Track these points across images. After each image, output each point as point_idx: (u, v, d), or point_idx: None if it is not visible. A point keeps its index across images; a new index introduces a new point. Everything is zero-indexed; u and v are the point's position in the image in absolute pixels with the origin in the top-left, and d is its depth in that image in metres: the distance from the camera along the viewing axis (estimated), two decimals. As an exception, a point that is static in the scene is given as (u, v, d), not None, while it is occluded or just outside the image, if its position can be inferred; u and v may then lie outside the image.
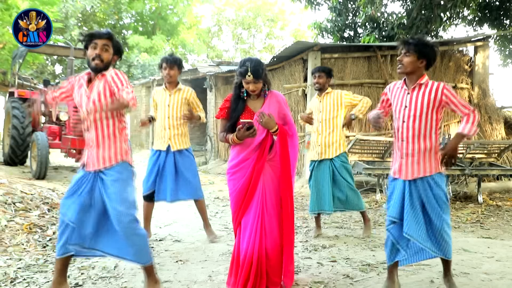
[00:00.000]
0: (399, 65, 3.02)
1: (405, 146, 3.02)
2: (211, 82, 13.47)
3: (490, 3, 11.58)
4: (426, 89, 2.96)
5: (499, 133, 9.64)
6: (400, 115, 3.03)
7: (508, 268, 3.77)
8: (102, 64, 2.77)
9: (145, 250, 2.88)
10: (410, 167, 3.01)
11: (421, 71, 2.99)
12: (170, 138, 4.46)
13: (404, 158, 3.03)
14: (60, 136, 8.98)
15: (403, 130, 3.03)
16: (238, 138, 2.99)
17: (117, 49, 2.86)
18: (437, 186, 2.98)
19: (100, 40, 2.77)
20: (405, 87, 3.05)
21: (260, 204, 3.04)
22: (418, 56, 2.93)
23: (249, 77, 2.97)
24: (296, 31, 30.97)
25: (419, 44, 2.93)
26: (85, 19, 24.49)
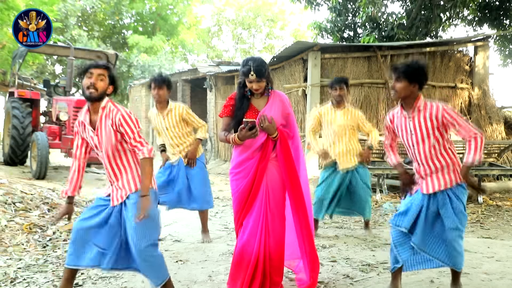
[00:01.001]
0: (392, 92, 3.04)
1: (422, 168, 3.05)
2: (211, 82, 13.47)
3: (490, 3, 11.58)
4: (426, 112, 2.97)
5: (499, 133, 9.65)
6: (409, 141, 3.06)
7: (508, 268, 3.77)
8: (96, 93, 2.76)
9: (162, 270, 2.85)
10: (431, 183, 3.03)
11: (415, 93, 3.00)
12: (181, 152, 4.52)
13: (424, 178, 3.06)
14: (60, 136, 8.98)
15: (416, 155, 3.06)
16: (240, 139, 2.97)
17: (112, 79, 2.85)
18: (457, 198, 3.00)
19: (95, 69, 2.77)
20: (404, 113, 3.05)
21: (264, 204, 3.04)
22: (409, 80, 2.94)
23: (252, 76, 2.97)
24: (296, 31, 30.97)
25: (409, 69, 2.95)
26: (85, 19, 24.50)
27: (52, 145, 8.63)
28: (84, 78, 2.78)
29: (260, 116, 2.99)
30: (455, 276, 3.14)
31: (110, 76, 2.82)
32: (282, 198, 3.11)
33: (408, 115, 3.03)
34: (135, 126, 2.75)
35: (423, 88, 3.03)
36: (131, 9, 24.33)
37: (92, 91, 2.74)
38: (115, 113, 2.75)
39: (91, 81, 2.74)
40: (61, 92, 10.03)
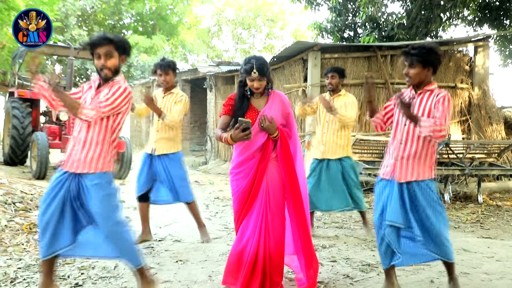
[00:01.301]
0: (407, 78, 3.00)
1: (402, 148, 3.01)
2: (211, 82, 13.46)
3: (490, 3, 11.58)
4: (431, 95, 2.97)
5: (499, 133, 9.64)
6: (403, 117, 3.02)
7: (508, 268, 3.78)
8: (110, 72, 2.77)
9: (133, 253, 2.88)
10: (405, 169, 2.99)
11: (429, 78, 2.99)
12: (156, 141, 4.44)
13: (399, 161, 3.02)
14: (60, 136, 8.98)
15: (403, 133, 3.02)
16: (232, 139, 2.95)
17: (121, 49, 2.82)
18: (430, 190, 2.98)
19: (101, 48, 2.74)
20: (413, 92, 3.06)
21: (264, 204, 3.04)
22: (423, 65, 2.92)
23: (255, 74, 2.97)
24: (296, 31, 30.96)
25: (422, 53, 2.91)
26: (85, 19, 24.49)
27: (52, 145, 8.64)
28: (94, 59, 2.78)
29: (261, 116, 2.99)
30: (449, 269, 3.10)
31: (118, 47, 2.79)
32: (282, 198, 3.11)
33: (415, 94, 3.02)
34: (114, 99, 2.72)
35: (436, 71, 3.00)
36: (131, 9, 24.31)
37: (106, 72, 2.76)
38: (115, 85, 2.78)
39: (101, 62, 2.74)
40: (61, 92, 10.01)
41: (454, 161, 7.39)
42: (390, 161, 3.07)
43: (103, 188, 2.80)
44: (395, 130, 3.10)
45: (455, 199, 7.46)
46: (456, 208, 6.86)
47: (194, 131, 16.56)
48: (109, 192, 2.83)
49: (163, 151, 4.42)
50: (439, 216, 2.97)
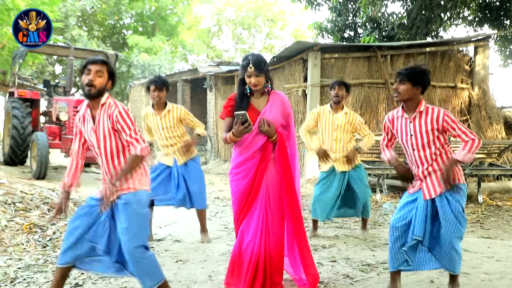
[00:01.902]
0: (395, 94, 3.05)
1: (421, 170, 3.05)
2: (211, 82, 13.47)
3: (490, 3, 11.58)
4: (427, 117, 2.99)
5: (499, 133, 9.65)
6: (408, 144, 3.06)
7: (508, 268, 3.77)
8: (94, 90, 2.76)
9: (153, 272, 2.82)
10: (432, 187, 3.02)
11: (418, 97, 3.02)
12: (175, 152, 4.52)
13: (424, 180, 3.05)
14: (60, 136, 8.97)
15: (416, 158, 3.05)
16: (235, 135, 2.96)
17: (112, 75, 2.84)
18: (455, 201, 2.99)
19: (93, 65, 2.77)
20: (406, 115, 3.07)
21: (264, 204, 3.04)
22: (413, 83, 2.97)
23: (251, 69, 2.98)
24: (296, 31, 30.96)
25: (413, 73, 2.97)
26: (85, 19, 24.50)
27: (52, 145, 8.63)
28: (83, 75, 2.78)
29: (260, 120, 2.99)
30: (453, 278, 3.13)
31: (109, 71, 2.82)
32: (282, 198, 3.11)
33: (409, 117, 3.04)
34: (132, 123, 2.75)
35: (425, 92, 3.05)
36: (131, 9, 24.32)
37: (90, 89, 2.75)
38: (113, 109, 2.75)
39: (89, 78, 2.75)
40: (61, 92, 10.03)
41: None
42: (417, 182, 3.11)
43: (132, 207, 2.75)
44: (408, 157, 3.13)
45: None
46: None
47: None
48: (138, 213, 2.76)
49: (184, 159, 4.54)
50: (456, 228, 2.97)
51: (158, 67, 21.61)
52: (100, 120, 2.78)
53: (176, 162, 4.52)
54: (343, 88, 4.71)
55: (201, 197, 4.61)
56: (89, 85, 2.74)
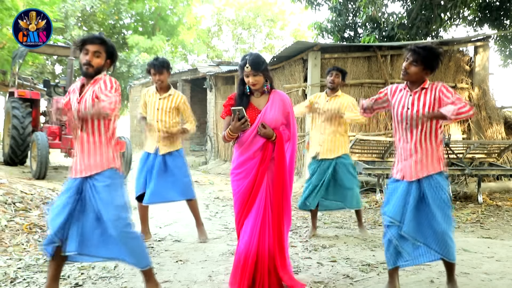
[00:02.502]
0: (403, 72, 3.02)
1: (408, 147, 3.03)
2: (211, 82, 13.47)
3: (490, 3, 11.58)
4: (427, 91, 2.99)
5: (499, 133, 9.64)
6: (403, 117, 3.04)
7: (508, 268, 3.77)
8: (92, 70, 2.77)
9: (143, 254, 2.88)
10: (414, 167, 3.00)
11: (424, 77, 3.02)
12: (159, 141, 4.45)
13: (408, 159, 3.03)
14: (60, 136, 8.98)
15: (407, 132, 3.03)
16: (232, 131, 2.98)
17: (110, 53, 2.84)
18: (440, 187, 2.98)
19: (91, 45, 2.76)
20: (408, 89, 3.07)
21: (264, 204, 3.03)
22: (425, 66, 2.96)
23: (247, 69, 2.99)
24: (296, 31, 30.94)
25: (429, 56, 2.94)
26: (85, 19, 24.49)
27: (52, 145, 8.63)
28: (81, 54, 2.79)
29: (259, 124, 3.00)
30: (449, 270, 3.10)
31: (107, 50, 2.82)
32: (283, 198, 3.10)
33: (410, 91, 3.04)
34: (112, 87, 2.74)
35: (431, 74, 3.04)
36: (131, 9, 24.32)
37: (87, 68, 2.76)
38: (100, 79, 2.78)
39: (86, 58, 2.76)
40: (61, 92, 10.03)
41: (454, 161, 7.40)
42: (401, 163, 3.08)
43: (114, 188, 2.79)
44: (397, 130, 3.11)
45: (455, 199, 7.46)
46: (456, 208, 6.85)
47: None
48: (120, 193, 2.82)
49: (167, 150, 4.46)
50: (446, 215, 2.96)
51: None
52: (87, 92, 2.79)
53: (157, 151, 4.44)
54: (339, 75, 4.78)
55: (188, 186, 4.52)
56: (86, 65, 2.75)
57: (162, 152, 4.44)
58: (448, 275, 3.13)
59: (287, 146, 3.14)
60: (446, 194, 2.99)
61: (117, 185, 2.83)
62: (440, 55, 2.99)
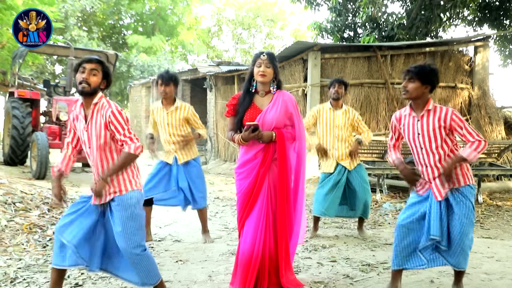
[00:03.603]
0: (403, 92, 3.04)
1: (430, 171, 3.03)
2: (211, 82, 13.46)
3: (490, 3, 11.58)
4: (435, 115, 2.98)
5: (499, 133, 9.65)
6: (416, 143, 3.04)
7: (508, 268, 3.78)
8: (89, 88, 2.77)
9: (153, 271, 2.85)
10: (441, 188, 3.01)
11: (426, 96, 3.01)
12: (176, 151, 4.51)
13: (433, 182, 3.03)
14: (60, 136, 8.97)
15: (424, 157, 3.04)
16: (244, 140, 3.00)
17: (106, 73, 2.86)
18: (467, 199, 3.02)
19: (88, 64, 2.78)
20: (413, 114, 3.06)
21: (266, 204, 3.03)
22: (422, 82, 2.96)
23: (264, 57, 3.04)
24: (296, 31, 30.94)
25: (423, 71, 2.96)
26: (85, 19, 24.50)
27: (52, 145, 8.63)
28: (77, 73, 2.80)
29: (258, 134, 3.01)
30: (458, 276, 3.12)
31: (104, 70, 2.83)
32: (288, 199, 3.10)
33: (417, 116, 3.03)
34: (125, 122, 2.78)
35: (433, 91, 3.05)
36: (131, 9, 24.32)
37: (84, 86, 2.76)
38: (106, 109, 2.77)
39: (83, 76, 2.77)
40: (61, 92, 10.03)
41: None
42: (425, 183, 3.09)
43: (126, 208, 2.77)
44: (416, 156, 3.11)
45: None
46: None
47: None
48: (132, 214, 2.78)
49: (185, 159, 4.53)
50: (468, 225, 2.99)
51: (157, 67, 21.60)
52: (92, 119, 2.79)
53: (176, 161, 4.51)
54: (342, 87, 4.80)
55: (202, 196, 4.61)
56: (83, 83, 2.76)
57: (181, 161, 4.51)
58: (456, 279, 3.15)
59: (293, 146, 3.13)
60: (472, 205, 3.04)
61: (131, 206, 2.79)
62: (435, 70, 3.02)
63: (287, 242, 3.08)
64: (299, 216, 3.23)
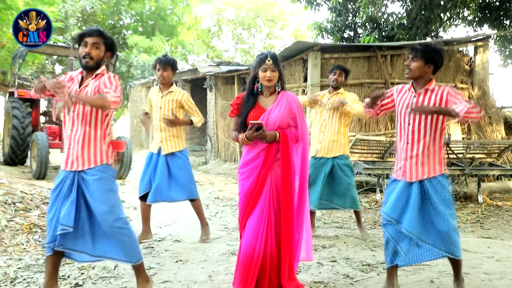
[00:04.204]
0: (406, 70, 3.03)
1: (409, 148, 3.02)
2: (211, 82, 13.46)
3: (490, 3, 11.58)
4: (433, 93, 2.98)
5: (499, 133, 9.65)
6: (406, 117, 3.04)
7: (508, 268, 3.78)
8: (92, 62, 2.78)
9: (133, 248, 2.87)
10: (415, 169, 3.00)
11: (429, 76, 3.00)
12: (162, 140, 4.46)
13: (408, 160, 3.02)
14: (60, 136, 8.98)
15: (409, 133, 3.03)
16: (248, 139, 3.00)
17: (109, 45, 2.84)
18: (442, 187, 2.98)
19: (90, 38, 2.77)
20: (413, 89, 3.07)
21: (267, 205, 3.02)
22: (426, 61, 2.95)
23: (269, 62, 3.04)
24: (296, 31, 30.93)
25: (427, 50, 2.95)
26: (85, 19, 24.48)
27: (52, 145, 8.63)
28: (80, 47, 2.79)
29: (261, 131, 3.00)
30: (456, 269, 3.09)
31: (106, 42, 2.82)
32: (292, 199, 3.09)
33: (415, 92, 3.03)
34: (116, 85, 2.78)
35: (437, 72, 3.02)
36: (131, 9, 24.32)
37: (87, 60, 2.77)
38: (104, 76, 2.81)
39: (86, 50, 2.77)
40: (61, 92, 10.01)
41: (454, 161, 7.40)
42: (401, 163, 3.08)
43: (105, 182, 2.79)
44: (400, 131, 3.10)
45: (455, 199, 7.47)
46: (456, 208, 6.86)
47: (194, 131, 16.54)
48: (111, 187, 2.82)
49: (170, 150, 4.46)
50: (450, 212, 2.96)
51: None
52: (87, 85, 2.80)
53: (160, 151, 4.45)
54: (343, 74, 4.79)
55: (191, 186, 4.53)
56: (86, 57, 2.75)
57: (164, 152, 4.44)
58: (454, 273, 3.12)
59: (295, 147, 3.13)
60: (448, 193, 3.00)
61: (109, 180, 2.83)
62: (440, 49, 2.98)
63: (291, 244, 3.07)
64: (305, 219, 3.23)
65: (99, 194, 2.76)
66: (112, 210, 2.77)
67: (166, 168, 4.43)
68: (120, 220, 2.80)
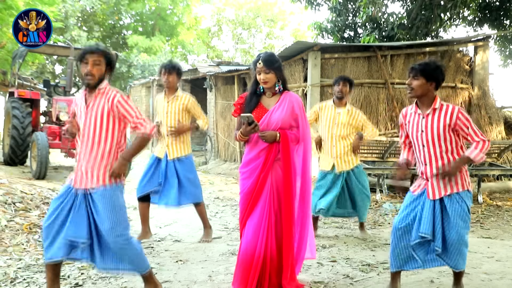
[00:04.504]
0: (408, 90, 3.01)
1: (429, 169, 3.00)
2: (211, 82, 13.46)
3: (490, 3, 11.58)
4: (441, 113, 2.95)
5: (499, 133, 9.65)
6: (419, 140, 3.02)
7: (508, 268, 3.78)
8: (94, 80, 2.82)
9: (140, 259, 2.89)
10: (437, 188, 2.98)
11: (432, 93, 2.98)
12: (168, 145, 4.49)
13: (430, 180, 3.01)
14: (60, 136, 8.97)
15: (425, 154, 3.00)
16: (243, 134, 3.03)
17: (109, 61, 2.89)
18: (463, 202, 2.96)
19: (90, 55, 2.81)
20: (419, 111, 3.03)
21: (268, 205, 3.03)
22: (427, 79, 2.93)
23: (259, 65, 3.03)
24: (296, 31, 30.94)
25: (427, 67, 2.94)
26: (85, 19, 24.49)
27: (52, 145, 8.63)
28: (81, 65, 2.82)
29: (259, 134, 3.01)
30: (458, 276, 3.11)
31: (106, 58, 2.87)
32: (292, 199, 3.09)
33: (422, 113, 3.01)
34: (134, 107, 2.86)
35: (439, 88, 3.02)
36: (131, 9, 24.33)
37: (90, 79, 2.81)
38: (113, 94, 2.83)
39: (87, 68, 2.80)
40: (61, 92, 10.03)
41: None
42: (422, 182, 3.07)
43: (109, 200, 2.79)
44: (416, 151, 3.09)
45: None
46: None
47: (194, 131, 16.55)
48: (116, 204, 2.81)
49: (176, 155, 4.49)
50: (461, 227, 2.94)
51: (158, 67, 21.62)
52: (94, 103, 2.82)
53: (166, 156, 4.47)
54: (347, 85, 4.73)
55: (197, 191, 4.57)
56: (88, 76, 2.78)
57: (171, 157, 4.48)
58: (455, 280, 3.14)
59: (296, 148, 3.13)
60: (468, 209, 2.98)
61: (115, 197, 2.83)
62: (439, 66, 2.98)
63: (292, 244, 3.06)
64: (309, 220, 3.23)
65: (103, 212, 2.77)
66: (114, 227, 2.77)
67: (175, 173, 4.47)
68: (121, 237, 2.79)
